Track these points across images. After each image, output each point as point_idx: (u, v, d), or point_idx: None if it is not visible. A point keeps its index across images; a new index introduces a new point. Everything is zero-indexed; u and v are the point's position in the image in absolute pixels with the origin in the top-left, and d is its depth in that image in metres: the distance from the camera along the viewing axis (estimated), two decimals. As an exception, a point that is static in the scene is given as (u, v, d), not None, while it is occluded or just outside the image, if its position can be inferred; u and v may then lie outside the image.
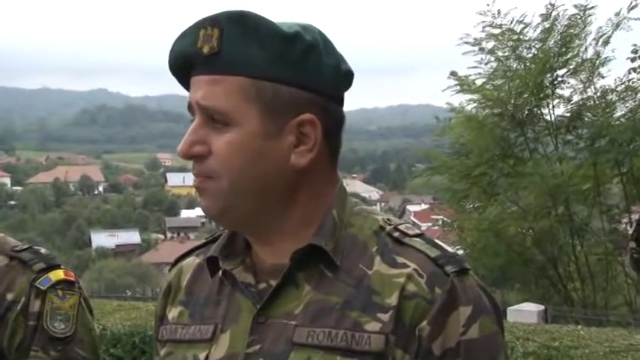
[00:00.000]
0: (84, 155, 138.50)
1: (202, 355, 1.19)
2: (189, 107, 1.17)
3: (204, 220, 79.83)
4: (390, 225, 1.20)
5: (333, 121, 1.19)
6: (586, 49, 12.76)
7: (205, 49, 1.13)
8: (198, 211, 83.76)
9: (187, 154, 1.15)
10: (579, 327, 7.43)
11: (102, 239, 66.88)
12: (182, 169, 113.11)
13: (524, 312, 10.04)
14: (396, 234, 1.18)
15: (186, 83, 1.19)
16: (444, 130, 13.99)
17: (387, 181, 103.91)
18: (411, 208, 60.55)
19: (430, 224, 15.24)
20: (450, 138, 13.97)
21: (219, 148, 1.14)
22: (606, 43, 12.55)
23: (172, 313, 1.29)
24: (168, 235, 77.45)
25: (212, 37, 1.13)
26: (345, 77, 1.21)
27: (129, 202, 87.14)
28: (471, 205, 13.89)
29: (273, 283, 1.17)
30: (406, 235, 1.18)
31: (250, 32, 1.12)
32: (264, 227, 1.19)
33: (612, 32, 12.45)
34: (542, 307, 10.75)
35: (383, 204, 76.85)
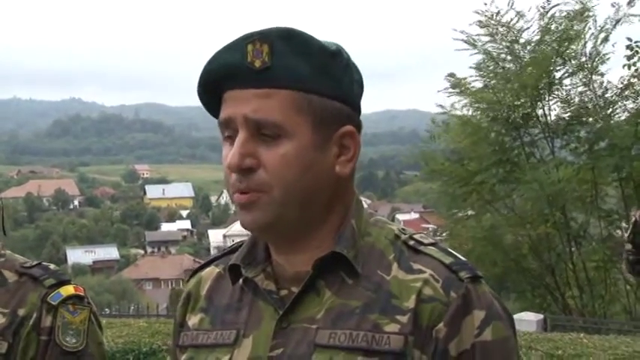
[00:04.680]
0: (57, 168, 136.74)
1: (225, 359, 1.23)
2: (226, 122, 1.20)
3: (185, 233, 79.52)
4: (405, 234, 1.26)
5: (360, 132, 1.26)
6: (584, 44, 12.59)
7: (257, 64, 1.17)
8: (179, 224, 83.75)
9: (240, 166, 1.17)
10: (581, 335, 7.55)
11: (78, 255, 66.17)
12: (161, 181, 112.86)
13: (524, 321, 9.96)
14: (412, 242, 1.24)
15: (213, 98, 1.22)
16: (435, 137, 13.84)
17: (374, 189, 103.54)
18: (401, 217, 59.11)
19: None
20: (441, 144, 13.78)
21: (273, 161, 1.17)
22: (605, 40, 12.42)
23: (192, 320, 1.32)
24: (149, 249, 76.95)
25: (262, 52, 1.16)
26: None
27: (106, 216, 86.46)
28: (466, 213, 13.63)
29: (295, 289, 1.22)
30: (421, 243, 1.23)
31: (298, 48, 1.18)
32: (303, 237, 1.23)
33: (612, 28, 12.29)
34: (541, 316, 10.77)
35: (372, 213, 76.37)
